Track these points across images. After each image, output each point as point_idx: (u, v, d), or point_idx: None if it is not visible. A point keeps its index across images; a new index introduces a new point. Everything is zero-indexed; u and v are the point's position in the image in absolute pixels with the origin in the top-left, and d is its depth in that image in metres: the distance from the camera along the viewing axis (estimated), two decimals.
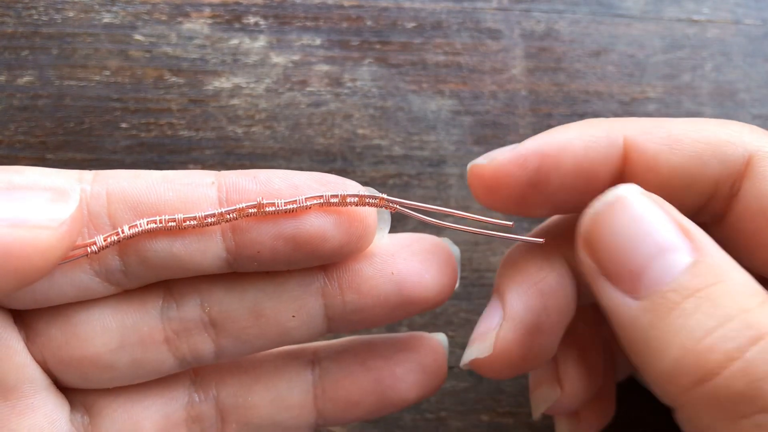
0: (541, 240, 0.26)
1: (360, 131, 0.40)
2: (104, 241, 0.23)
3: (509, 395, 0.38)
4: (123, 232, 0.23)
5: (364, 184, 0.39)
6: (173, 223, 0.23)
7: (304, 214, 0.23)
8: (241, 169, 0.39)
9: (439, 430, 0.37)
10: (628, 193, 0.22)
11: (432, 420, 0.37)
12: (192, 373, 0.27)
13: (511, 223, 0.25)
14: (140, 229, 0.23)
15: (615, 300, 0.21)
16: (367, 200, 0.24)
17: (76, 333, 0.24)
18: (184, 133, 0.39)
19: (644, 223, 0.21)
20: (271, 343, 0.26)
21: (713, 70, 0.42)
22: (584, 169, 0.24)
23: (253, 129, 0.39)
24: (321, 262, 0.25)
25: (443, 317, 0.38)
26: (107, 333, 0.24)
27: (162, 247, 0.23)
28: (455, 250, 0.27)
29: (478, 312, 0.38)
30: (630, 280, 0.21)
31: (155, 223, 0.23)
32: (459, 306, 0.38)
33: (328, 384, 0.27)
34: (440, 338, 0.29)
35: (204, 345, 0.25)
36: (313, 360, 0.28)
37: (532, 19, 0.42)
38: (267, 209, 0.23)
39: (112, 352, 0.24)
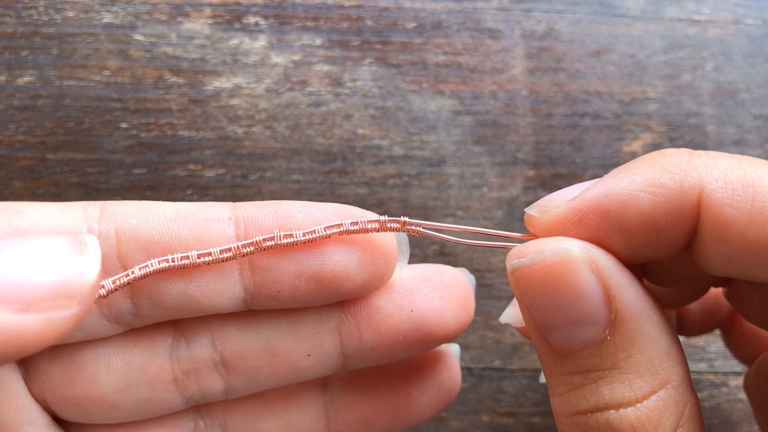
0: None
1: (360, 131, 0.39)
2: (113, 284, 0.21)
3: (510, 395, 0.38)
4: (133, 274, 0.21)
5: (365, 184, 0.40)
6: (187, 261, 0.21)
7: (326, 251, 0.22)
8: (242, 168, 0.39)
9: (439, 430, 0.37)
10: (567, 256, 0.21)
11: (432, 420, 0.37)
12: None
13: (534, 236, 0.24)
14: (152, 269, 0.21)
15: (533, 332, 0.22)
16: (388, 225, 0.23)
17: (80, 372, 0.23)
18: (184, 133, 0.39)
19: (561, 296, 0.20)
20: (284, 381, 0.25)
21: (714, 70, 0.42)
22: (651, 229, 0.21)
23: (253, 129, 0.39)
24: (341, 298, 0.24)
25: None
26: (113, 373, 0.23)
27: (176, 289, 0.22)
28: (472, 280, 0.26)
29: (479, 312, 0.38)
30: (543, 329, 0.21)
31: (167, 262, 0.21)
32: None
33: (341, 407, 0.27)
34: (454, 350, 0.28)
35: (214, 384, 0.24)
36: (325, 383, 0.27)
37: (532, 19, 0.42)
38: (285, 241, 0.22)
39: (117, 392, 0.23)
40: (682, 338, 0.39)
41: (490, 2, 0.42)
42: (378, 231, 0.23)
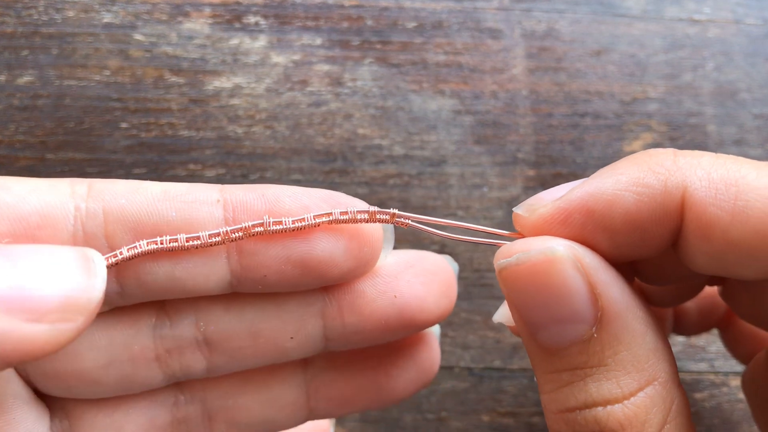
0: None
1: (360, 131, 0.39)
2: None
3: (510, 395, 0.38)
4: (121, 254, 0.21)
5: (365, 183, 0.40)
6: (175, 244, 0.21)
7: (313, 237, 0.22)
8: (242, 168, 0.39)
9: (439, 431, 0.37)
10: (552, 255, 0.21)
11: (433, 420, 0.37)
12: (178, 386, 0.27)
13: (520, 235, 0.24)
14: (140, 250, 0.21)
15: (522, 329, 0.22)
16: (377, 216, 0.23)
17: (63, 348, 0.23)
18: (185, 132, 0.39)
19: (547, 295, 0.21)
20: (266, 361, 0.25)
21: (714, 69, 0.42)
22: (636, 228, 0.21)
23: (254, 129, 0.39)
24: (326, 284, 0.24)
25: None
26: (96, 350, 0.23)
27: (163, 270, 0.22)
28: (455, 267, 0.27)
29: (479, 312, 0.38)
30: (531, 328, 0.21)
31: (156, 244, 0.21)
32: (459, 306, 0.38)
33: (321, 384, 0.27)
34: (434, 330, 0.29)
35: (196, 363, 0.24)
36: (306, 361, 0.27)
37: (532, 19, 0.42)
38: (274, 227, 0.22)
39: (99, 368, 0.23)
40: (681, 338, 0.39)
41: (490, 2, 0.42)
42: (367, 222, 0.23)
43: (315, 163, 0.39)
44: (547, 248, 0.21)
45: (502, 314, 0.25)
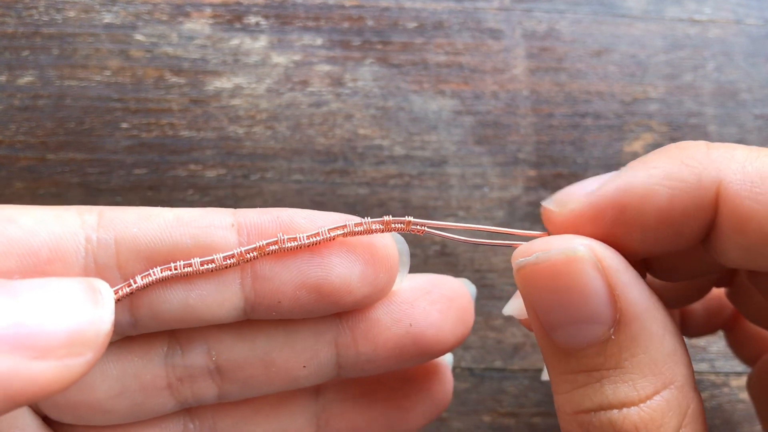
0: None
1: (361, 131, 0.39)
2: (115, 295, 0.20)
3: (511, 396, 0.38)
4: (135, 283, 0.21)
5: (366, 184, 0.40)
6: (190, 269, 0.21)
7: (328, 263, 0.22)
8: (243, 168, 0.39)
9: (440, 431, 0.37)
10: (573, 255, 0.20)
11: (433, 420, 0.37)
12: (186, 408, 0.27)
13: (546, 232, 0.23)
14: (154, 278, 0.21)
15: (537, 330, 0.22)
16: (392, 225, 0.23)
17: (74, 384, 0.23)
18: (185, 133, 0.39)
19: (566, 294, 0.20)
20: (278, 388, 0.25)
21: (715, 70, 0.42)
22: (669, 223, 0.21)
23: (254, 129, 0.39)
24: (340, 310, 0.24)
25: None
26: (107, 380, 0.23)
27: (177, 298, 0.22)
28: (472, 291, 0.26)
29: (480, 312, 0.38)
30: (547, 327, 0.21)
31: (170, 270, 0.21)
32: None
33: (332, 416, 0.27)
34: (447, 360, 0.28)
35: (208, 390, 0.24)
36: (318, 390, 0.27)
37: (533, 19, 0.42)
38: (288, 245, 0.22)
39: (111, 398, 0.23)
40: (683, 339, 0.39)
41: (491, 2, 0.42)
42: (382, 231, 0.23)
43: (316, 163, 0.39)
44: (567, 248, 0.21)
45: (513, 307, 0.25)
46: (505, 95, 0.41)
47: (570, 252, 0.21)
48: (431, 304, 0.24)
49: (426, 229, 0.24)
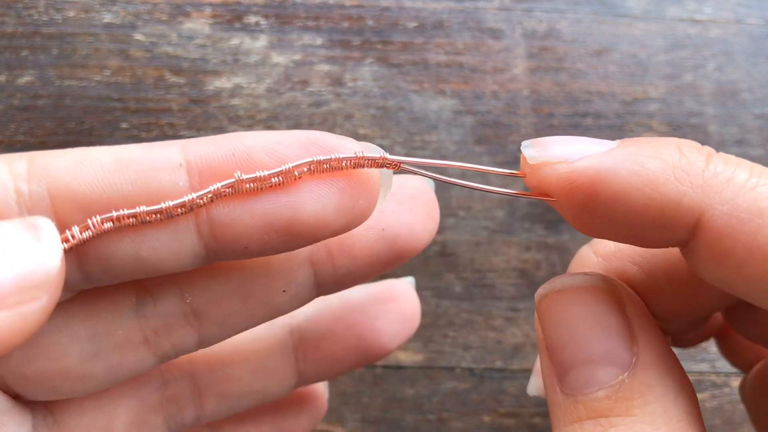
0: (554, 199, 0.21)
1: (361, 131, 0.39)
2: None
3: (511, 396, 0.38)
4: (74, 238, 0.18)
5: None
6: (134, 220, 0.19)
7: (296, 198, 0.20)
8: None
9: (440, 431, 0.37)
10: (586, 287, 0.20)
11: (434, 421, 0.37)
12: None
13: (522, 172, 0.21)
14: (95, 230, 0.19)
15: (547, 378, 0.21)
16: (365, 161, 0.21)
17: (40, 346, 0.21)
18: (185, 133, 0.38)
19: (586, 327, 0.20)
20: (260, 321, 0.23)
21: (715, 69, 0.42)
22: (637, 227, 0.20)
23: (254, 129, 0.39)
24: (318, 242, 0.21)
25: (445, 318, 0.38)
26: (77, 342, 0.21)
27: (127, 251, 0.19)
28: (432, 185, 0.25)
29: (480, 312, 0.38)
30: (560, 369, 0.20)
31: (111, 221, 0.18)
32: (460, 306, 0.38)
33: (309, 346, 0.26)
34: (409, 281, 0.29)
35: (186, 338, 0.23)
36: (291, 324, 0.27)
37: (533, 19, 0.42)
38: (247, 186, 0.19)
39: (84, 362, 0.21)
40: (677, 350, 0.39)
41: (491, 2, 0.42)
42: (354, 167, 0.20)
43: None
44: (592, 279, 0.20)
45: (535, 386, 0.24)
46: (506, 95, 0.41)
47: (593, 282, 0.20)
48: (400, 205, 0.23)
49: (402, 165, 0.22)
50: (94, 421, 0.23)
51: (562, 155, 0.20)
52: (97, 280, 0.20)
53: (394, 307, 0.27)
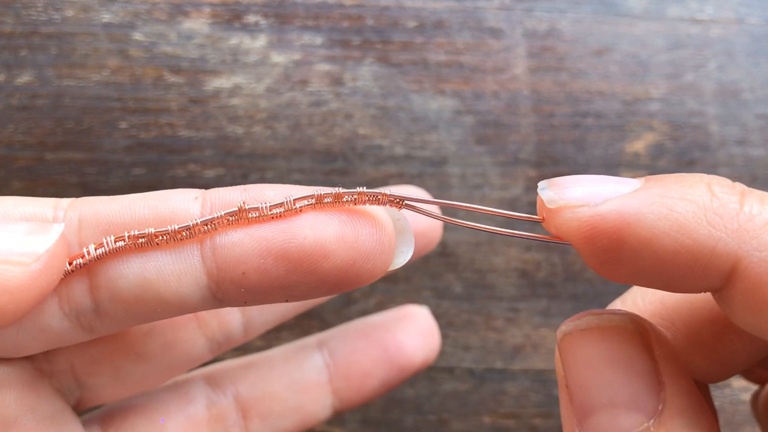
0: (568, 242, 0.20)
1: (361, 131, 0.39)
2: (69, 264, 0.20)
3: (511, 397, 0.38)
4: (89, 254, 0.20)
5: (366, 184, 0.39)
6: (143, 240, 0.20)
7: (295, 224, 0.20)
8: (242, 168, 0.39)
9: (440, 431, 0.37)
10: (613, 327, 0.19)
11: (434, 422, 0.37)
12: (205, 376, 0.27)
13: (540, 216, 0.20)
14: (108, 248, 0.20)
15: (567, 420, 0.20)
16: (367, 197, 0.20)
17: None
18: (184, 133, 0.38)
19: (611, 369, 0.19)
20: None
21: (717, 69, 0.42)
22: (666, 274, 0.18)
23: (254, 129, 0.39)
24: (326, 286, 0.20)
25: (445, 318, 0.38)
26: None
27: (133, 271, 0.20)
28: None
29: (480, 313, 0.38)
30: (580, 412, 0.19)
31: (123, 240, 0.20)
32: (461, 307, 0.38)
33: (339, 360, 0.28)
34: (424, 308, 0.31)
35: (232, 319, 0.25)
36: (320, 344, 0.29)
37: (534, 19, 0.42)
38: (250, 215, 0.20)
39: (142, 337, 0.24)
40: None
41: (491, 1, 0.42)
42: (356, 203, 0.20)
43: (315, 163, 0.39)
44: (620, 319, 0.19)
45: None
46: (506, 95, 0.40)
47: (620, 323, 0.19)
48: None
49: (404, 203, 0.21)
50: None
51: (582, 198, 0.19)
52: (107, 313, 0.21)
53: (411, 323, 0.30)
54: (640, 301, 0.23)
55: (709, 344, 0.22)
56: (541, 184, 0.20)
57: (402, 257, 0.21)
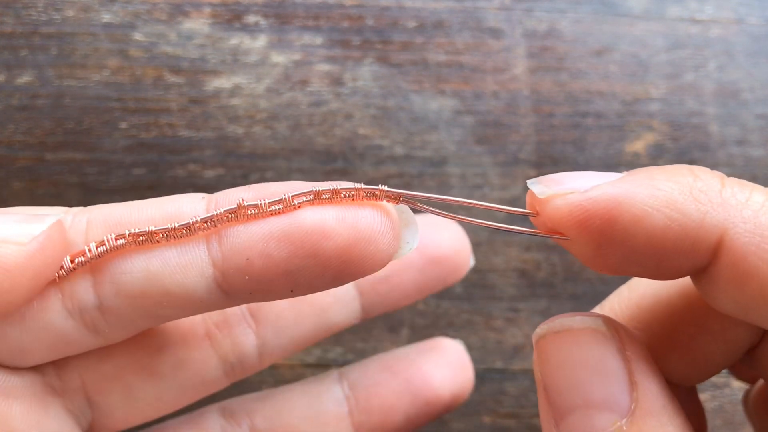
0: (568, 237, 0.21)
1: (361, 131, 0.39)
2: (71, 262, 0.20)
3: (511, 396, 0.38)
4: (91, 252, 0.20)
5: (365, 184, 0.39)
6: (144, 237, 0.20)
7: (297, 211, 0.20)
8: (242, 168, 0.39)
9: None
10: (586, 329, 0.20)
11: (433, 422, 0.37)
12: (220, 408, 0.27)
13: (534, 210, 0.21)
14: (109, 245, 0.20)
15: (545, 421, 0.20)
16: (364, 192, 0.21)
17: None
18: (184, 133, 0.38)
19: (584, 371, 0.19)
20: (311, 326, 0.26)
21: (716, 69, 0.42)
22: (657, 252, 0.19)
23: (254, 129, 0.39)
24: (330, 271, 0.21)
25: (445, 318, 0.38)
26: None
27: (137, 266, 0.20)
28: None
29: (480, 313, 0.38)
30: (557, 413, 0.20)
31: (124, 237, 0.20)
32: (461, 307, 0.38)
33: (359, 394, 0.27)
34: (456, 341, 0.30)
35: (246, 338, 0.25)
36: (341, 376, 0.27)
37: (534, 19, 0.42)
38: (249, 212, 0.20)
39: (153, 355, 0.23)
40: None
41: (491, 1, 0.42)
42: (353, 199, 0.21)
43: (315, 163, 0.39)
44: (592, 321, 0.20)
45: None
46: (506, 95, 0.40)
47: (593, 324, 0.20)
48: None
49: (402, 199, 0.22)
50: None
51: (572, 187, 0.20)
52: (112, 311, 0.21)
53: (439, 355, 0.28)
54: (617, 306, 0.24)
55: (685, 346, 0.23)
56: (530, 181, 0.21)
57: (407, 247, 0.22)
